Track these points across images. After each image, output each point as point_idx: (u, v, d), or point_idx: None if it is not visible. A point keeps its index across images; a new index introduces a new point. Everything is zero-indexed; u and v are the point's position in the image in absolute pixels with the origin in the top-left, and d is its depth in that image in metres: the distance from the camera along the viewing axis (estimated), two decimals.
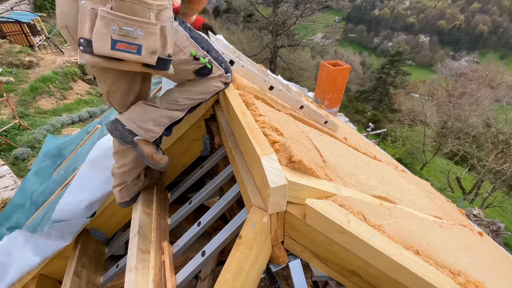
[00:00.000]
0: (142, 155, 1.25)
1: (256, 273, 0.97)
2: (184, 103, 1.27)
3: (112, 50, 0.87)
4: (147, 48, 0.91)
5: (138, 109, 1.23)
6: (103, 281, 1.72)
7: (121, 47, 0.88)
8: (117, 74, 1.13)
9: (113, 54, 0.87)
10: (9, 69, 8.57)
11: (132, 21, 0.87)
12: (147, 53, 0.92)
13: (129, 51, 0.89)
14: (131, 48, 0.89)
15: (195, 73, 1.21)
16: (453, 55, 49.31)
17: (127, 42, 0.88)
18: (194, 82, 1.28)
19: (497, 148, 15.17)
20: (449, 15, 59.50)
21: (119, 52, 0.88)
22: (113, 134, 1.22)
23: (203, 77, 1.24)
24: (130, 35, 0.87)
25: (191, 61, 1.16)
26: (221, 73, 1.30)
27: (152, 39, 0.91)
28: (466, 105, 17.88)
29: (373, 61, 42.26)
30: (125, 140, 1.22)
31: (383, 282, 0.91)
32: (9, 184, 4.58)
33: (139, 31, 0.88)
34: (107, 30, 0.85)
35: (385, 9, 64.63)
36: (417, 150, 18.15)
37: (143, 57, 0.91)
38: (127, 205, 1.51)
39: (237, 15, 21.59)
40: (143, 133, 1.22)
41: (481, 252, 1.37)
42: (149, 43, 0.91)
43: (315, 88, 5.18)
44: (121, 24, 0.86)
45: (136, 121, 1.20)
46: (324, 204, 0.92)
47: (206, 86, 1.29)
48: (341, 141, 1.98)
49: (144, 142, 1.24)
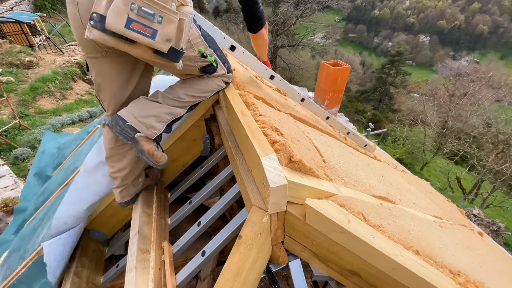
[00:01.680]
0: (143, 152, 1.21)
1: (256, 273, 0.97)
2: (186, 100, 1.27)
3: (126, 28, 0.84)
4: (162, 34, 0.89)
5: (140, 104, 1.19)
6: (103, 281, 1.72)
7: (136, 27, 0.85)
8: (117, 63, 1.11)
9: (125, 32, 0.84)
10: (9, 69, 8.57)
11: (154, 4, 0.86)
12: (162, 39, 0.90)
13: (143, 33, 0.86)
14: (145, 30, 0.86)
15: (201, 70, 1.21)
16: (453, 55, 49.31)
17: (143, 24, 0.85)
18: (197, 80, 1.29)
19: (497, 148, 15.16)
20: (449, 15, 59.49)
21: (132, 32, 0.85)
22: (114, 130, 1.18)
23: (208, 74, 1.24)
24: (147, 18, 0.85)
25: (199, 58, 1.16)
26: (224, 73, 1.31)
27: (170, 26, 0.90)
28: (467, 105, 17.85)
29: (373, 61, 42.27)
30: (125, 137, 1.18)
31: (383, 282, 0.91)
32: (9, 184, 4.58)
33: (158, 16, 0.87)
34: (126, 7, 0.83)
35: (385, 9, 64.62)
36: (417, 150, 18.14)
37: (156, 42, 0.89)
38: (126, 205, 1.51)
39: (237, 15, 21.59)
40: (144, 129, 1.18)
41: (481, 252, 1.37)
42: (166, 29, 0.89)
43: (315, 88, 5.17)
44: (141, 4, 0.84)
45: (138, 116, 1.16)
46: (324, 204, 0.91)
47: (208, 84, 1.29)
48: (341, 141, 1.98)
49: (145, 139, 1.20)
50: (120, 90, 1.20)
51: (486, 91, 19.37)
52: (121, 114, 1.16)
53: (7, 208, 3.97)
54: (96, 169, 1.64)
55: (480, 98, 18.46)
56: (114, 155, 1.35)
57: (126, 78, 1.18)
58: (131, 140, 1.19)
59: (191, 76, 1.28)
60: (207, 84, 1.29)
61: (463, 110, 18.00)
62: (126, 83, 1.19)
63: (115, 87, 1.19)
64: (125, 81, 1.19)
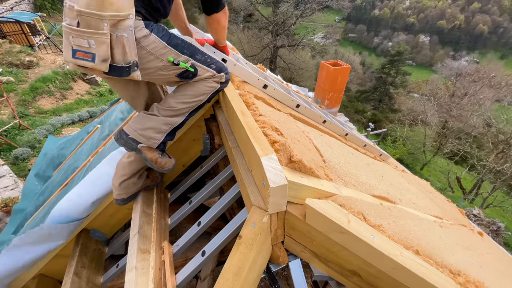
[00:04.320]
0: (146, 159, 1.32)
1: (256, 273, 0.97)
2: (179, 108, 1.30)
3: (73, 58, 1.01)
4: (99, 56, 1.00)
5: (139, 118, 1.31)
6: (103, 281, 1.72)
7: (80, 56, 1.00)
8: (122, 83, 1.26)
9: (75, 62, 1.01)
10: (9, 69, 8.57)
11: (82, 33, 0.97)
12: (99, 61, 1.01)
13: (85, 59, 1.00)
14: (87, 56, 1.00)
15: (179, 76, 1.24)
16: (453, 55, 49.30)
17: (83, 51, 1.00)
18: (185, 86, 1.31)
19: (498, 148, 15.15)
20: (449, 15, 59.48)
21: (79, 60, 1.00)
22: (119, 143, 1.30)
23: (188, 79, 1.27)
24: (83, 45, 0.98)
25: (170, 66, 1.19)
26: (211, 74, 1.31)
27: (102, 48, 0.99)
28: (468, 105, 17.83)
29: (373, 61, 42.26)
30: (130, 148, 1.30)
31: (383, 282, 0.91)
32: (9, 184, 4.58)
33: (91, 41, 0.98)
34: (67, 41, 1.00)
35: (385, 9, 64.61)
36: (417, 150, 18.13)
37: (96, 65, 1.00)
38: (123, 202, 1.51)
39: (237, 15, 21.59)
40: (145, 140, 1.29)
41: (481, 252, 1.37)
42: (100, 51, 0.99)
43: (315, 88, 5.17)
44: (74, 36, 0.98)
45: (137, 130, 1.28)
46: (324, 204, 0.91)
47: (198, 88, 1.31)
48: (341, 141, 1.98)
49: (147, 149, 1.31)
50: (134, 99, 1.37)
51: (487, 91, 19.35)
52: (125, 129, 1.30)
53: (7, 208, 3.97)
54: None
55: (481, 98, 18.43)
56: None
57: (133, 89, 1.32)
58: (135, 150, 1.31)
59: (175, 83, 1.32)
60: (197, 89, 1.31)
61: (463, 110, 17.98)
62: (136, 93, 1.35)
63: (129, 98, 1.36)
64: (134, 91, 1.34)
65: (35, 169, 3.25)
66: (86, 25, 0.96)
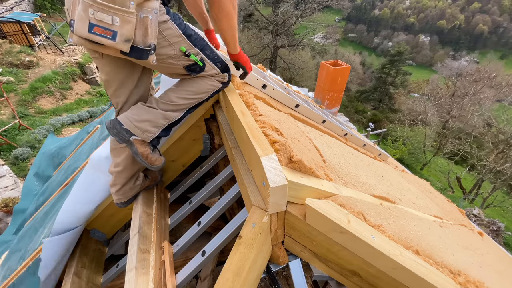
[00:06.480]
0: (137, 154, 1.26)
1: (256, 273, 0.97)
2: (179, 103, 1.28)
3: (89, 33, 0.92)
4: (121, 35, 0.94)
5: (136, 110, 1.25)
6: (103, 281, 1.72)
7: (98, 31, 0.92)
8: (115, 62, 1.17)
9: (89, 36, 0.93)
10: (9, 69, 8.57)
11: (107, 8, 0.91)
12: (121, 40, 0.95)
13: (105, 36, 0.93)
14: (106, 33, 0.93)
15: (186, 68, 1.21)
16: (453, 55, 49.31)
17: (103, 27, 0.92)
18: (188, 82, 1.29)
19: (498, 148, 15.15)
20: (449, 15, 59.48)
21: (96, 36, 0.93)
22: (111, 132, 1.24)
23: (195, 73, 1.24)
24: (106, 21, 0.91)
25: (181, 56, 1.17)
26: (216, 72, 1.30)
27: (127, 27, 0.94)
28: (468, 105, 17.81)
29: (373, 61, 42.27)
30: (122, 139, 1.24)
31: (383, 282, 0.91)
32: (9, 184, 4.58)
33: (115, 18, 0.92)
34: (86, 14, 0.91)
35: (385, 9, 64.62)
36: (418, 150, 18.12)
37: (116, 44, 0.94)
38: (123, 205, 1.51)
39: (237, 15, 21.58)
40: (139, 133, 1.24)
41: (481, 252, 1.37)
42: (124, 30, 0.94)
43: (315, 88, 5.18)
44: (96, 9, 0.90)
45: (133, 121, 1.22)
46: (324, 204, 0.91)
47: (201, 85, 1.29)
48: (341, 141, 1.97)
49: (140, 142, 1.26)
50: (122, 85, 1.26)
51: (488, 91, 19.33)
52: (119, 118, 1.23)
53: (7, 208, 3.97)
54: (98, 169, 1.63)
55: (481, 98, 18.41)
56: (115, 148, 1.37)
57: (126, 74, 1.23)
58: (126, 142, 1.25)
59: (179, 76, 1.29)
60: (200, 86, 1.29)
61: (464, 110, 17.96)
62: (127, 79, 1.25)
63: (117, 83, 1.24)
64: (127, 77, 1.24)
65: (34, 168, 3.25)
66: (111, 0, 0.91)
